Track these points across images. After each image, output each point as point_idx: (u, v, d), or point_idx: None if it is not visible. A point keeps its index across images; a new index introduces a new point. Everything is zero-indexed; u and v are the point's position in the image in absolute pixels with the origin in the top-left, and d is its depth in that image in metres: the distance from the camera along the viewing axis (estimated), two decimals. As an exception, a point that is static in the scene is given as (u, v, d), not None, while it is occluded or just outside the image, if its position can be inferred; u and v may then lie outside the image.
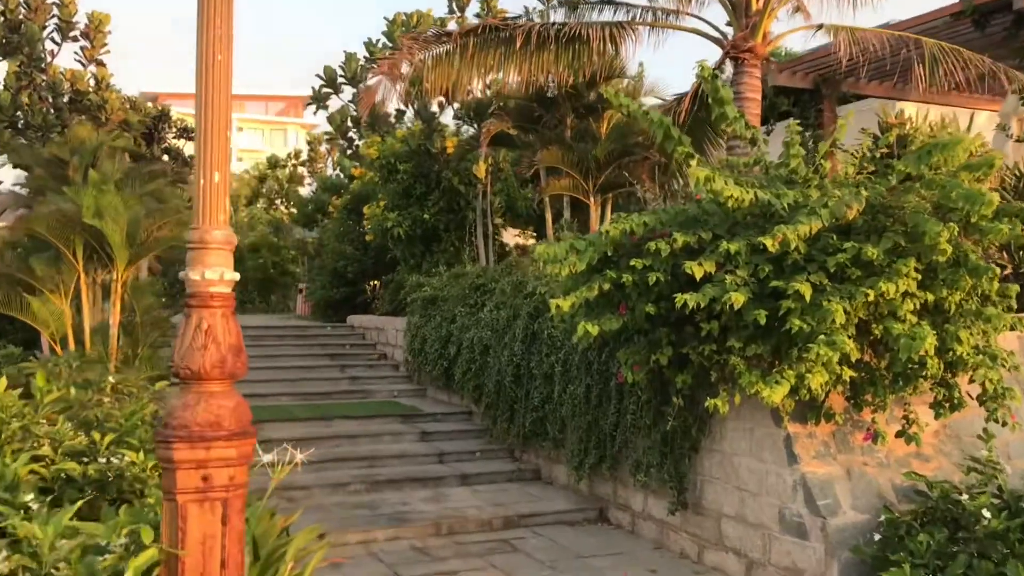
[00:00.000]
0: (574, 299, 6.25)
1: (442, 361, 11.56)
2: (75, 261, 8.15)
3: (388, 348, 14.55)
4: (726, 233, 6.24)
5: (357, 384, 13.16)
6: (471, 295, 11.15)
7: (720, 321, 6.09)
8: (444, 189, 14.18)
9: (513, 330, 9.64)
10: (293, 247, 26.01)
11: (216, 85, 3.50)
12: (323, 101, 16.71)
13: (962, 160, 6.13)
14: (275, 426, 10.53)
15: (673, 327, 6.51)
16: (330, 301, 17.44)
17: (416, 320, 12.67)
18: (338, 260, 17.20)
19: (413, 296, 12.84)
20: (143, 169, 10.97)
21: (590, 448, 8.36)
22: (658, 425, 7.34)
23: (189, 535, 3.33)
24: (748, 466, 6.75)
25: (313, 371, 13.59)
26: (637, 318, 6.35)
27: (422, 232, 14.39)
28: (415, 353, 12.65)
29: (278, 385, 12.78)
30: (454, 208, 14.36)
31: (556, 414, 8.92)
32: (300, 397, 12.29)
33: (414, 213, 14.29)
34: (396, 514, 8.18)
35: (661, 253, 5.96)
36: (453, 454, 10.09)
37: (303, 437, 10.12)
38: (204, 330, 3.42)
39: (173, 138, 32.91)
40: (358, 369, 13.87)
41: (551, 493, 9.06)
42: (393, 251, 14.94)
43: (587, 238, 6.51)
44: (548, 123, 12.13)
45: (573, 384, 8.54)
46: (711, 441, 7.13)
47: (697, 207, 6.53)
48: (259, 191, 31.85)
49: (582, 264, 6.24)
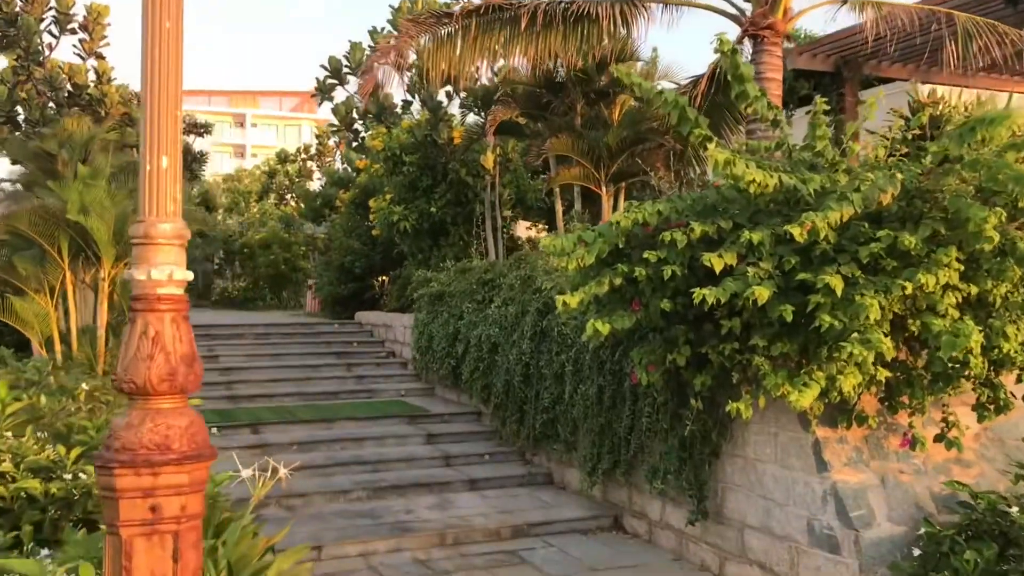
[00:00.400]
0: (582, 295, 5.78)
1: (449, 360, 11.11)
2: (60, 259, 7.75)
3: (396, 345, 14.12)
4: (748, 222, 5.75)
5: (363, 383, 12.74)
6: (478, 290, 10.69)
7: (742, 318, 5.61)
8: (451, 181, 13.71)
9: (521, 327, 9.17)
10: (303, 243, 25.62)
11: (165, 57, 3.06)
12: (328, 92, 16.25)
13: (1005, 139, 5.59)
14: (277, 429, 10.13)
15: (691, 325, 6.02)
16: (338, 297, 17.01)
17: (423, 317, 12.23)
18: (345, 255, 16.77)
19: (420, 292, 12.39)
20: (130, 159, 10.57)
21: (603, 452, 7.89)
22: (676, 429, 6.86)
23: (135, 574, 2.90)
24: (773, 473, 6.27)
25: (319, 370, 13.17)
26: (651, 315, 5.87)
27: (429, 226, 13.93)
28: (422, 351, 12.21)
29: (283, 385, 12.38)
30: (462, 201, 13.89)
31: (567, 416, 8.46)
32: (305, 397, 11.88)
33: (421, 206, 13.83)
34: (399, 523, 7.74)
35: (677, 244, 5.48)
36: (461, 457, 9.65)
37: (305, 440, 9.73)
38: (151, 337, 2.96)
39: (184, 133, 32.68)
40: (365, 368, 13.44)
41: (563, 499, 8.60)
42: (400, 246, 14.49)
43: (597, 229, 6.04)
44: (557, 110, 11.59)
45: (585, 384, 8.07)
46: (733, 446, 6.65)
47: (716, 194, 6.04)
48: (269, 186, 31.49)
49: (591, 257, 5.77)
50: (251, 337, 14.62)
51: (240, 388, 12.12)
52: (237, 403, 11.46)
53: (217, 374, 12.58)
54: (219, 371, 12.66)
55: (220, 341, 14.13)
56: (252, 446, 9.46)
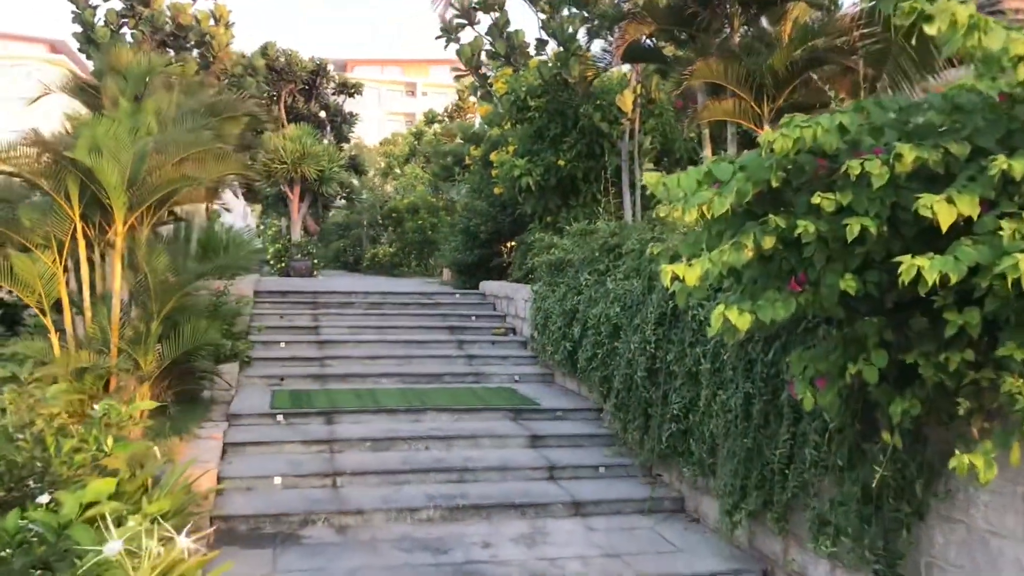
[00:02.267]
0: (708, 264, 3.60)
1: (565, 343, 9.10)
2: (70, 209, 6.33)
3: (517, 321, 12.23)
4: (998, 145, 3.37)
5: (473, 364, 10.95)
6: (601, 258, 8.60)
7: (983, 309, 3.27)
8: (583, 129, 11.57)
9: (646, 307, 7.01)
10: (446, 207, 24.19)
11: None
12: (454, 33, 14.47)
13: None
14: (354, 419, 8.50)
15: (889, 317, 3.72)
16: (463, 265, 15.29)
17: (541, 289, 10.26)
18: (470, 218, 15.00)
19: (539, 259, 10.42)
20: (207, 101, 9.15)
21: (750, 486, 5.66)
22: (857, 470, 4.56)
23: None
24: (1017, 557, 3.88)
25: (426, 347, 11.50)
26: (824, 299, 3.62)
27: (557, 182, 11.86)
28: (540, 329, 10.27)
29: (382, 363, 10.79)
30: (595, 152, 11.73)
31: (703, 428, 6.27)
32: (403, 379, 10.23)
33: (547, 159, 11.78)
34: (468, 565, 5.85)
35: (872, 181, 3.21)
36: (568, 468, 7.62)
37: (382, 436, 8.03)
38: None
39: (333, 93, 32.14)
40: (479, 346, 11.64)
41: (695, 540, 6.42)
42: (523, 206, 12.52)
43: (737, 161, 3.82)
44: (705, 24, 9.11)
45: (726, 390, 5.84)
46: (949, 506, 4.27)
47: (941, 102, 3.64)
48: (415, 148, 30.40)
49: (723, 204, 3.57)
50: (362, 307, 13.14)
51: (333, 366, 10.62)
52: (324, 383, 9.96)
53: (313, 348, 11.18)
54: (316, 345, 11.25)
55: (326, 310, 12.75)
56: (317, 441, 7.85)
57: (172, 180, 6.28)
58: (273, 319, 12.27)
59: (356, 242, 32.65)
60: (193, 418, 7.93)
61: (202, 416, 8.14)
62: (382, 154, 43.21)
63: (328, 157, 23.67)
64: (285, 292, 13.47)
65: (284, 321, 12.20)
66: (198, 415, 8.03)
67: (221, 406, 8.77)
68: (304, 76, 29.85)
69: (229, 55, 16.41)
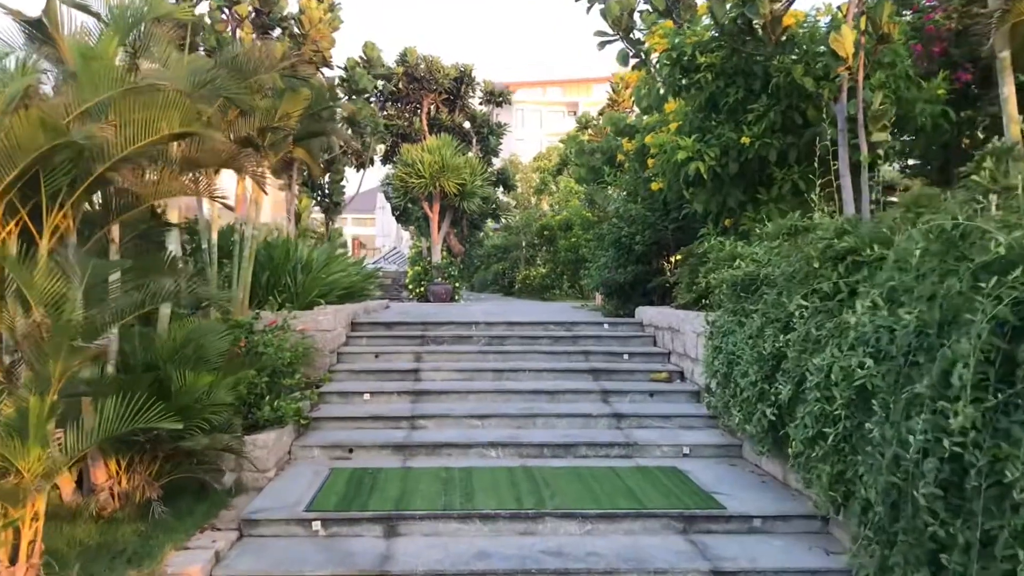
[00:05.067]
0: None
1: (763, 406, 5.70)
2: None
3: (686, 362, 8.87)
4: None
5: (623, 427, 7.71)
6: (823, 272, 5.17)
7: None
8: (776, 90, 8.14)
9: (940, 363, 3.54)
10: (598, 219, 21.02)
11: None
12: (598, -10, 11.41)
13: None
14: (429, 530, 5.49)
15: None
16: (613, 285, 12.04)
17: (721, 319, 6.91)
18: (622, 227, 11.74)
19: (716, 277, 7.09)
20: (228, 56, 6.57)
21: None
22: None
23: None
24: None
25: (557, 400, 8.37)
26: None
27: (739, 167, 8.46)
28: (720, 379, 6.93)
29: (493, 425, 7.77)
30: (794, 123, 8.26)
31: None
32: (519, 452, 7.14)
33: (724, 137, 8.40)
34: None
35: None
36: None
37: (464, 570, 4.95)
38: None
39: (479, 103, 29.78)
40: (631, 399, 8.38)
41: None
42: (691, 204, 9.15)
43: None
44: None
45: None
46: None
47: None
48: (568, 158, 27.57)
49: None
50: (481, 342, 10.17)
51: (425, 428, 7.69)
52: (407, 457, 7.03)
53: (406, 402, 8.29)
54: (410, 396, 8.36)
55: (434, 347, 9.87)
56: (363, 575, 4.86)
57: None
58: (365, 360, 9.52)
59: (514, 264, 30.17)
60: (178, 528, 5.17)
61: (198, 522, 5.37)
62: (535, 170, 40.68)
63: (471, 170, 21.15)
64: (391, 324, 10.70)
65: (378, 363, 9.42)
66: (187, 524, 5.27)
67: (244, 498, 6.02)
68: (447, 84, 27.69)
69: (324, 35, 14.03)
